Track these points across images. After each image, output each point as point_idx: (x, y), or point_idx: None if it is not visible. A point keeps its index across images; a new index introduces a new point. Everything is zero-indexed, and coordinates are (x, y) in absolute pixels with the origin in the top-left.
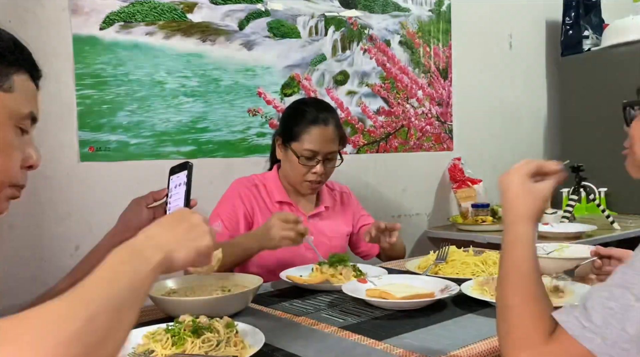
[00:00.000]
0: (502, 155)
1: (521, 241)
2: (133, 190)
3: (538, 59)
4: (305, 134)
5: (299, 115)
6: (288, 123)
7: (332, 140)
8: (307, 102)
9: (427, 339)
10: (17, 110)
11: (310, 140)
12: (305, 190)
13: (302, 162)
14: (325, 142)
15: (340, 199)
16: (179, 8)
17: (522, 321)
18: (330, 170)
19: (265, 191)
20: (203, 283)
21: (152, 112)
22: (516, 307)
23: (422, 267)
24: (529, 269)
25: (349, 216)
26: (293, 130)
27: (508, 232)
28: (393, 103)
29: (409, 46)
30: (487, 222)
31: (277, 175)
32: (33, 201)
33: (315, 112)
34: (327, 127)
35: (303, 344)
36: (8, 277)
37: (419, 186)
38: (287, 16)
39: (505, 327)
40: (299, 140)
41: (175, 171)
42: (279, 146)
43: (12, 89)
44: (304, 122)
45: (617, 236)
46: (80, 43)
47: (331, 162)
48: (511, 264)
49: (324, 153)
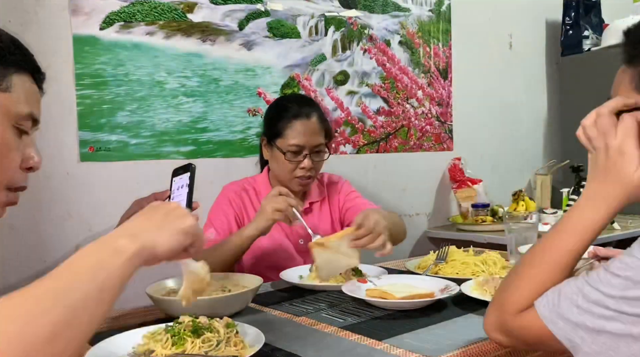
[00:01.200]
0: (502, 156)
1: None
2: (133, 190)
3: (538, 59)
4: (289, 129)
5: (281, 111)
6: (271, 121)
7: (316, 132)
8: (288, 98)
9: (427, 339)
10: (14, 110)
11: (295, 135)
12: (296, 186)
13: (289, 158)
14: (309, 135)
15: (328, 190)
16: (179, 8)
17: (518, 289)
18: (319, 164)
19: (254, 194)
20: None
21: (152, 112)
22: (525, 276)
23: (422, 267)
24: (568, 262)
25: (336, 202)
26: (276, 127)
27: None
28: (393, 103)
29: (409, 46)
30: (487, 222)
31: (267, 177)
32: (33, 201)
33: (297, 106)
34: (310, 120)
35: (303, 344)
36: (8, 277)
37: (419, 186)
38: (287, 16)
39: (503, 286)
40: (283, 136)
41: (178, 173)
42: (264, 146)
43: (9, 88)
44: (286, 117)
45: (616, 235)
46: (80, 43)
47: (318, 155)
48: (559, 246)
49: (310, 146)
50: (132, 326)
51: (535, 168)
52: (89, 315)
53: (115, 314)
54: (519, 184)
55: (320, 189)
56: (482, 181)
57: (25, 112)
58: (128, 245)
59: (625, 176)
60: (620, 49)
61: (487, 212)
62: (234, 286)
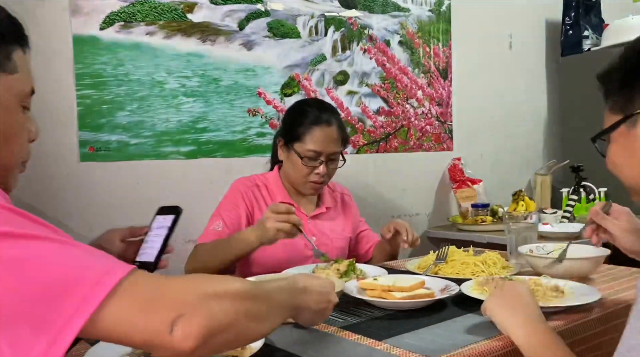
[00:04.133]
0: (502, 155)
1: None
2: (133, 190)
3: (538, 59)
4: (308, 135)
5: (302, 116)
6: (290, 124)
7: (335, 140)
8: (310, 102)
9: (427, 339)
10: (22, 90)
11: (314, 141)
12: (308, 191)
13: (305, 163)
14: (328, 143)
15: (341, 201)
16: (179, 8)
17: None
18: (333, 171)
19: (266, 192)
20: None
21: (152, 112)
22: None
23: (422, 267)
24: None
25: (350, 219)
26: (295, 131)
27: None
28: (393, 103)
29: (408, 46)
30: (487, 222)
31: (278, 176)
32: (33, 201)
33: (318, 112)
34: (330, 127)
35: (303, 344)
36: None
37: (419, 186)
38: (287, 16)
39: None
40: (302, 141)
41: (164, 212)
42: (280, 147)
43: (16, 69)
44: (306, 123)
45: None
46: (80, 43)
47: (334, 162)
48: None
49: (327, 154)
50: None
51: (535, 168)
52: (268, 324)
53: None
54: (519, 184)
55: (332, 195)
56: (482, 180)
57: (29, 89)
58: (298, 303)
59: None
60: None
61: (487, 212)
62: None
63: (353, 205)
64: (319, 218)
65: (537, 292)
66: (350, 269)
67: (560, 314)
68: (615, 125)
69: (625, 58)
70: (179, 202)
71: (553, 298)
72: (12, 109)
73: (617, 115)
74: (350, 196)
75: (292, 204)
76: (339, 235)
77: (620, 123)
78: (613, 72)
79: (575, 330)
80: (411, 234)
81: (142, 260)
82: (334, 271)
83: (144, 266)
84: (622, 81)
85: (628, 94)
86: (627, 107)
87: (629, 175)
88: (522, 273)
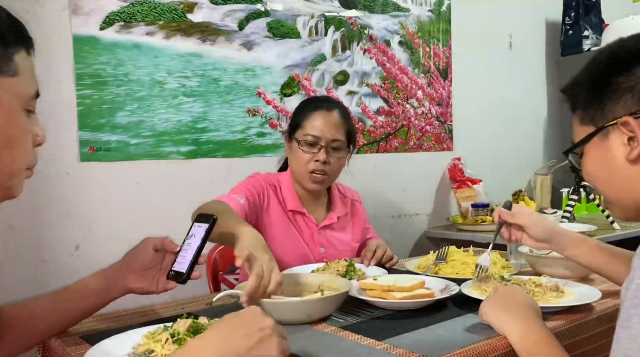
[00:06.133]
0: (502, 155)
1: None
2: (133, 190)
3: (538, 59)
4: (307, 120)
5: (304, 105)
6: (294, 116)
7: (335, 126)
8: (316, 96)
9: (427, 339)
10: (25, 93)
11: (312, 126)
12: (310, 184)
13: (302, 147)
14: (328, 127)
15: (351, 208)
16: (179, 8)
17: None
18: (336, 162)
19: (281, 195)
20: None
21: (152, 112)
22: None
23: (422, 267)
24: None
25: (359, 227)
26: (296, 119)
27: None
28: (393, 103)
29: (408, 46)
30: (487, 222)
31: (290, 181)
32: (33, 201)
33: (320, 101)
34: (330, 112)
35: (303, 344)
36: (8, 277)
37: (419, 186)
38: (287, 16)
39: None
40: (302, 127)
41: (201, 220)
42: (286, 142)
43: (18, 72)
44: (307, 110)
45: (617, 235)
46: (80, 43)
47: (337, 152)
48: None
49: (326, 139)
50: (132, 326)
51: (535, 168)
52: None
53: (115, 314)
54: (519, 184)
55: (342, 200)
56: (482, 180)
57: (33, 92)
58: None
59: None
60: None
61: (487, 212)
62: (327, 288)
63: (362, 212)
64: (329, 228)
65: (537, 292)
66: (350, 269)
67: (560, 314)
68: (589, 137)
69: (590, 69)
70: (179, 202)
71: (553, 298)
72: (15, 112)
73: (589, 127)
74: (361, 202)
75: (304, 212)
76: (347, 246)
77: (593, 135)
78: (580, 85)
79: (575, 330)
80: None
81: (176, 270)
82: (333, 272)
83: (177, 275)
84: (590, 93)
85: (597, 106)
86: (598, 118)
87: (606, 185)
88: (522, 273)
